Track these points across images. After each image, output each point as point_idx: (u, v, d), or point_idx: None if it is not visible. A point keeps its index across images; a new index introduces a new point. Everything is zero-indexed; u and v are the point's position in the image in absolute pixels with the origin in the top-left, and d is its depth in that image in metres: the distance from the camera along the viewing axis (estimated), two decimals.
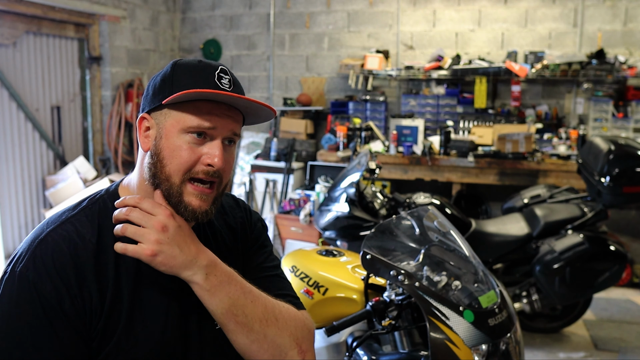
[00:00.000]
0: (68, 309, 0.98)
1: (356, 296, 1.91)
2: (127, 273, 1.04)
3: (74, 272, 0.99)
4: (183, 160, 1.03)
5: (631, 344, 3.64)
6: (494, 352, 1.62)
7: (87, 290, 1.00)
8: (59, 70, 4.97)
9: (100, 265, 1.02)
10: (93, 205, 1.09)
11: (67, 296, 0.98)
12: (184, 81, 1.04)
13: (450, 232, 1.88)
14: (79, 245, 1.02)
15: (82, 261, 1.00)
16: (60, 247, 1.00)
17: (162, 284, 1.08)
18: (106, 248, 1.03)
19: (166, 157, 1.04)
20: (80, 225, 1.04)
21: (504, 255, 3.57)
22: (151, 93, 1.08)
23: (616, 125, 4.88)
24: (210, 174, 1.05)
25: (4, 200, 4.51)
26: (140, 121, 1.09)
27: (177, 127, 1.04)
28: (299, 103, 5.73)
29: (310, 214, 4.85)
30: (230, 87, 1.06)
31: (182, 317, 1.10)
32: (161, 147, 1.05)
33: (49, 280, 0.98)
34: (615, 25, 5.03)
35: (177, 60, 1.09)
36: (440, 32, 5.48)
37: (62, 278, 0.98)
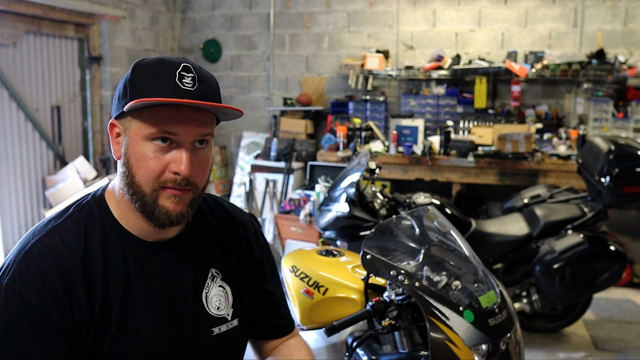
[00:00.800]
0: (56, 320, 0.96)
1: (356, 296, 1.91)
2: (117, 280, 1.02)
3: (61, 282, 0.97)
4: (150, 170, 0.99)
5: (631, 344, 3.64)
6: (494, 352, 1.62)
7: (75, 300, 0.97)
8: (59, 70, 4.97)
9: (88, 274, 0.99)
10: (79, 212, 1.05)
11: (55, 307, 0.96)
12: (144, 85, 0.97)
13: (450, 232, 1.88)
14: (66, 254, 0.99)
15: (69, 271, 0.98)
16: (46, 257, 0.98)
17: (153, 291, 1.05)
18: (94, 255, 1.01)
19: (134, 166, 1.00)
20: (67, 234, 1.01)
21: (504, 255, 3.57)
22: (116, 98, 1.03)
23: (616, 125, 4.88)
24: (179, 182, 0.99)
25: (4, 200, 4.51)
26: (110, 128, 1.04)
27: (140, 134, 0.98)
28: (299, 103, 5.73)
29: (310, 214, 4.85)
30: (193, 86, 0.98)
31: (175, 324, 1.07)
32: (129, 155, 1.00)
33: (36, 292, 0.95)
34: (615, 25, 5.03)
35: (138, 60, 1.02)
36: (440, 32, 5.48)
37: (49, 289, 0.96)
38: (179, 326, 1.08)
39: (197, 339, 1.10)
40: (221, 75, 6.28)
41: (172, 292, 1.07)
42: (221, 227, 1.22)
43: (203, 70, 1.04)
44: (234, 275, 1.19)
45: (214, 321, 1.13)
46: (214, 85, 1.05)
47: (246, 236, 1.27)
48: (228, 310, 1.16)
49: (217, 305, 1.14)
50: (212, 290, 1.14)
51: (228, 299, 1.16)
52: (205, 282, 1.13)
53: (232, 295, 1.17)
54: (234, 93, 6.26)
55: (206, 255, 1.15)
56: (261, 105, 6.18)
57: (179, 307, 1.08)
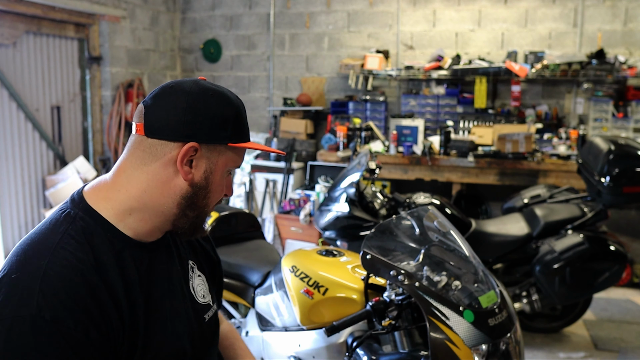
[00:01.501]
0: (95, 338, 0.93)
1: (356, 296, 1.91)
2: (134, 285, 1.03)
3: (90, 298, 0.94)
4: (221, 194, 1.12)
5: (631, 344, 3.64)
6: (494, 352, 1.62)
7: (106, 314, 0.96)
8: (59, 70, 4.97)
9: (109, 284, 0.98)
10: (73, 225, 1.02)
11: (92, 325, 0.93)
12: (242, 124, 1.09)
13: (450, 232, 1.88)
14: (84, 269, 0.96)
15: (93, 285, 0.96)
16: (67, 276, 0.94)
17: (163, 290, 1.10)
18: (108, 265, 1.00)
19: (212, 190, 1.09)
20: (74, 250, 0.98)
21: (504, 255, 3.57)
22: (209, 125, 1.03)
23: (616, 125, 4.88)
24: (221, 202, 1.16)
25: (4, 200, 4.51)
26: (188, 149, 1.02)
27: (227, 165, 1.09)
28: (299, 103, 5.73)
29: (310, 214, 4.85)
30: None
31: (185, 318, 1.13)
32: (211, 181, 1.07)
33: (69, 314, 0.91)
34: (615, 25, 5.03)
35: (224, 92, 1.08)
36: (440, 32, 5.48)
37: (82, 308, 0.93)
38: (186, 320, 1.13)
39: (195, 327, 1.15)
40: (221, 75, 6.28)
41: (174, 289, 1.12)
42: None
43: None
44: (204, 263, 1.28)
45: (203, 309, 1.20)
46: None
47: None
48: (209, 297, 1.24)
49: (202, 294, 1.21)
50: (195, 281, 1.21)
51: (206, 286, 1.24)
52: (189, 273, 1.20)
53: (207, 283, 1.26)
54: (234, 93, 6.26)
55: (182, 249, 1.21)
56: (261, 105, 6.18)
57: (182, 303, 1.13)
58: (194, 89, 1.04)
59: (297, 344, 2.04)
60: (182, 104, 1.02)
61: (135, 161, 1.04)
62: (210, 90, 1.05)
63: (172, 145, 1.02)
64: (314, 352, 1.98)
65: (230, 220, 2.73)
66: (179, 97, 1.02)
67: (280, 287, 2.16)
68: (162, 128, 1.02)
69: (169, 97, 1.03)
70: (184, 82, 1.06)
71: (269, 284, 2.26)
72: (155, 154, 1.03)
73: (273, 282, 2.23)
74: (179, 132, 1.02)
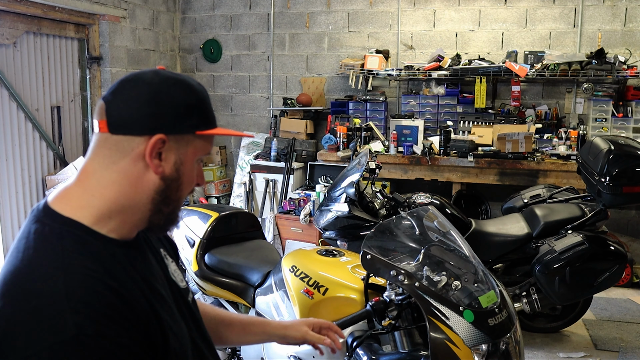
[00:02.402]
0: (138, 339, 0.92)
1: (356, 296, 1.92)
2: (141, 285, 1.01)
3: (121, 303, 0.92)
4: (192, 185, 1.09)
5: (631, 344, 3.64)
6: (494, 352, 1.62)
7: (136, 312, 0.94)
8: (59, 70, 4.97)
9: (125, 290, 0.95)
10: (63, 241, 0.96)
11: (132, 328, 0.91)
12: (207, 111, 1.07)
13: (450, 232, 1.88)
14: (102, 277, 0.92)
15: (116, 290, 0.93)
16: (92, 287, 0.90)
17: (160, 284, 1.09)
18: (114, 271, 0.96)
19: (184, 182, 1.06)
20: (83, 261, 0.93)
21: (504, 255, 3.57)
22: (173, 114, 1.00)
23: (616, 125, 4.88)
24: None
25: (4, 200, 4.51)
26: (156, 142, 0.99)
27: (197, 154, 1.06)
28: (299, 103, 5.73)
29: (310, 214, 4.85)
30: None
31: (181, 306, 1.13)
32: (182, 173, 1.04)
33: (112, 324, 0.88)
34: (615, 25, 5.03)
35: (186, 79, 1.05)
36: (440, 32, 5.48)
37: (119, 315, 0.90)
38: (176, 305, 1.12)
39: (186, 312, 1.16)
40: (221, 75, 6.28)
41: (162, 278, 1.12)
42: None
43: None
44: (170, 250, 1.27)
45: (186, 291, 1.20)
46: None
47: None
48: (185, 281, 1.23)
49: (180, 278, 1.21)
50: (171, 267, 1.20)
51: (179, 270, 1.24)
52: (165, 262, 1.19)
53: (178, 267, 1.26)
54: (234, 93, 6.27)
55: (150, 239, 1.20)
56: (261, 105, 6.18)
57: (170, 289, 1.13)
58: (155, 80, 1.01)
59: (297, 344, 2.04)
60: (145, 95, 0.99)
61: (103, 161, 1.00)
62: (172, 79, 1.03)
63: (139, 140, 0.98)
64: (314, 352, 1.98)
65: (230, 220, 2.73)
66: (140, 89, 0.99)
67: (280, 287, 2.16)
68: (126, 123, 0.98)
69: (130, 90, 1.00)
70: (143, 73, 1.03)
71: (269, 284, 2.26)
72: (122, 151, 0.99)
73: (273, 282, 2.23)
74: (144, 125, 0.98)
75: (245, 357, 2.40)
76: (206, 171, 6.16)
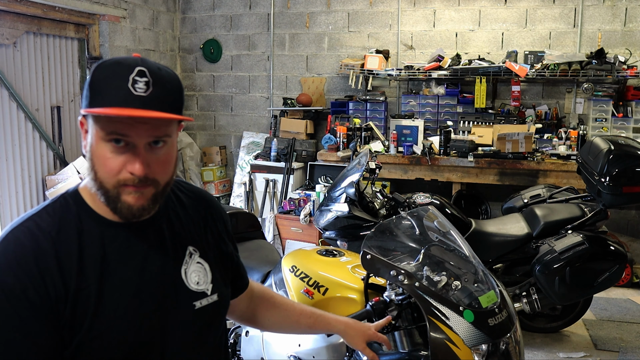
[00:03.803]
0: (33, 297, 1.00)
1: (356, 296, 1.91)
2: (93, 260, 1.06)
3: (34, 262, 1.01)
4: (109, 169, 1.05)
5: (631, 344, 3.64)
6: (494, 352, 1.62)
7: (49, 278, 1.01)
8: (59, 70, 4.97)
9: (61, 255, 1.04)
10: (54, 203, 1.11)
11: (31, 286, 1.00)
12: (100, 89, 1.03)
13: (450, 232, 1.88)
14: (39, 236, 1.04)
15: (43, 251, 1.03)
16: (20, 241, 1.03)
17: (132, 269, 1.10)
18: (67, 240, 1.06)
19: (96, 163, 1.06)
20: (41, 220, 1.07)
21: (504, 255, 3.57)
22: (84, 94, 1.07)
23: (616, 125, 4.88)
24: (137, 182, 1.05)
25: (4, 200, 4.51)
26: (81, 124, 1.10)
27: (98, 135, 1.05)
28: (299, 103, 5.73)
29: (310, 214, 4.85)
30: (146, 90, 1.03)
31: (155, 299, 1.11)
32: (92, 153, 1.06)
33: (11, 273, 1.00)
34: (615, 25, 5.03)
35: (101, 61, 1.07)
36: (440, 32, 5.48)
37: (24, 270, 1.00)
38: (159, 301, 1.12)
39: (180, 312, 1.15)
40: (221, 75, 6.28)
41: (151, 269, 1.12)
42: (196, 208, 1.28)
43: (162, 71, 1.07)
44: (211, 252, 1.26)
45: (194, 295, 1.17)
46: (173, 86, 1.08)
47: (218, 214, 1.33)
48: (207, 285, 1.21)
49: (196, 281, 1.19)
50: (191, 267, 1.19)
51: (207, 274, 1.22)
52: (184, 259, 1.18)
53: (210, 271, 1.23)
54: (234, 93, 6.27)
55: (183, 233, 1.20)
56: (261, 105, 6.18)
57: (158, 283, 1.12)
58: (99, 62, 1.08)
59: (297, 344, 2.04)
60: None
61: None
62: (106, 60, 1.07)
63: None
64: (314, 352, 1.98)
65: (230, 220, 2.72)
66: None
67: (280, 287, 2.16)
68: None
69: None
70: None
71: (269, 284, 2.26)
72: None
73: (273, 282, 2.23)
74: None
75: (245, 357, 2.40)
76: (206, 171, 6.16)
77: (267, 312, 1.49)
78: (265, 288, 1.54)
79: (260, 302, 1.48)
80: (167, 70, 1.08)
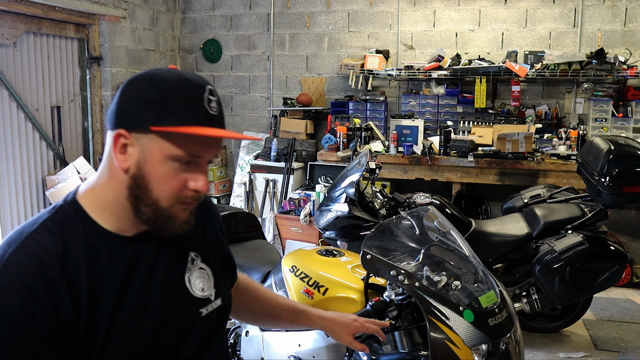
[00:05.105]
0: (43, 326, 0.93)
1: (356, 296, 1.91)
2: (104, 279, 1.01)
3: (43, 287, 0.94)
4: (171, 188, 1.01)
5: (631, 344, 3.64)
6: (494, 352, 1.62)
7: (60, 304, 0.95)
8: (59, 70, 4.97)
9: (70, 276, 0.97)
10: (53, 217, 1.03)
11: (40, 313, 0.93)
12: (174, 107, 0.98)
13: (450, 232, 1.88)
14: (45, 259, 0.96)
15: (50, 275, 0.95)
16: (25, 264, 0.95)
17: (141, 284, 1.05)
18: (75, 257, 0.99)
19: (152, 182, 1.01)
20: (43, 239, 0.98)
21: (504, 255, 3.57)
22: (132, 109, 1.00)
23: (616, 125, 4.88)
24: (197, 198, 1.05)
25: (4, 200, 4.51)
26: (116, 137, 1.01)
27: (164, 154, 0.99)
28: (299, 103, 5.73)
29: (310, 214, 4.85)
30: (218, 110, 1.03)
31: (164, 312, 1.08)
32: (146, 172, 1.00)
33: (18, 300, 0.92)
34: (615, 25, 5.03)
35: (155, 72, 1.02)
36: (440, 32, 5.48)
37: (32, 296, 0.93)
38: (168, 314, 1.08)
39: (187, 322, 1.12)
40: (221, 75, 6.28)
41: (157, 281, 1.08)
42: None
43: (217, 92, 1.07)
44: (212, 256, 1.23)
45: (200, 302, 1.15)
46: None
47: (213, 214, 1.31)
48: (211, 291, 1.18)
49: (201, 287, 1.16)
50: (194, 273, 1.16)
51: (210, 279, 1.19)
52: (187, 266, 1.15)
53: (213, 276, 1.20)
54: (234, 93, 6.27)
55: (183, 239, 1.17)
56: (261, 105, 6.18)
57: (165, 295, 1.09)
58: (135, 76, 1.03)
59: (297, 344, 2.04)
60: (119, 92, 1.03)
61: (105, 154, 1.07)
62: (147, 74, 1.02)
63: (110, 134, 1.02)
64: (314, 352, 1.98)
65: (230, 220, 2.72)
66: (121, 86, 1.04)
67: (280, 287, 2.16)
68: (108, 118, 1.04)
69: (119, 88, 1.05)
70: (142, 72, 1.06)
71: (269, 284, 2.26)
72: (108, 146, 1.04)
73: (273, 282, 2.23)
74: (112, 120, 1.02)
75: (245, 357, 2.40)
76: None
77: (249, 305, 1.47)
78: (249, 280, 1.51)
79: (243, 294, 1.45)
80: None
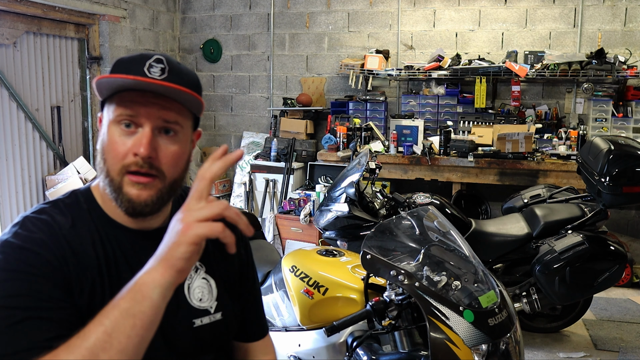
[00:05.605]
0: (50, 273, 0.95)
1: (356, 296, 1.92)
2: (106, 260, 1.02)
3: (54, 246, 0.98)
4: (115, 153, 1.01)
5: (631, 344, 3.64)
6: (494, 352, 1.62)
7: (66, 270, 0.97)
8: (59, 70, 4.97)
9: (76, 251, 1.00)
10: (66, 199, 1.08)
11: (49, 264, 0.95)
12: (115, 71, 1.02)
13: (450, 232, 1.88)
14: (55, 228, 1.00)
15: (59, 240, 0.99)
16: (38, 226, 0.99)
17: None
18: (81, 237, 1.02)
19: (106, 151, 1.02)
20: (54, 214, 1.03)
21: (504, 255, 3.57)
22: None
23: (616, 125, 4.88)
24: (141, 165, 0.99)
25: (4, 200, 4.51)
26: (99, 120, 1.08)
27: (107, 120, 1.03)
28: (299, 103, 5.73)
29: (310, 214, 4.85)
30: (161, 75, 1.00)
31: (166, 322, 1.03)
32: (103, 142, 1.03)
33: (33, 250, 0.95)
34: (615, 25, 5.03)
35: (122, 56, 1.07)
36: (440, 32, 5.48)
37: (45, 250, 0.96)
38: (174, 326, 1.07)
39: (176, 330, 1.09)
40: (221, 75, 6.28)
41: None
42: None
43: (182, 66, 1.05)
44: (219, 269, 1.19)
45: (195, 312, 1.12)
46: (190, 80, 1.05)
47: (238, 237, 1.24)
48: (211, 303, 1.15)
49: (199, 297, 1.13)
50: (195, 282, 1.13)
51: (212, 291, 1.15)
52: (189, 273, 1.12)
53: (216, 288, 1.17)
54: (234, 93, 6.26)
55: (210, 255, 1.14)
56: (261, 105, 6.18)
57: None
58: None
59: (297, 344, 2.04)
60: None
61: None
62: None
63: None
64: (314, 352, 1.98)
65: None
66: None
67: (280, 287, 2.16)
68: None
69: None
70: None
71: (269, 284, 2.26)
72: None
73: (273, 282, 2.23)
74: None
75: None
76: None
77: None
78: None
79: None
80: (188, 67, 1.08)
